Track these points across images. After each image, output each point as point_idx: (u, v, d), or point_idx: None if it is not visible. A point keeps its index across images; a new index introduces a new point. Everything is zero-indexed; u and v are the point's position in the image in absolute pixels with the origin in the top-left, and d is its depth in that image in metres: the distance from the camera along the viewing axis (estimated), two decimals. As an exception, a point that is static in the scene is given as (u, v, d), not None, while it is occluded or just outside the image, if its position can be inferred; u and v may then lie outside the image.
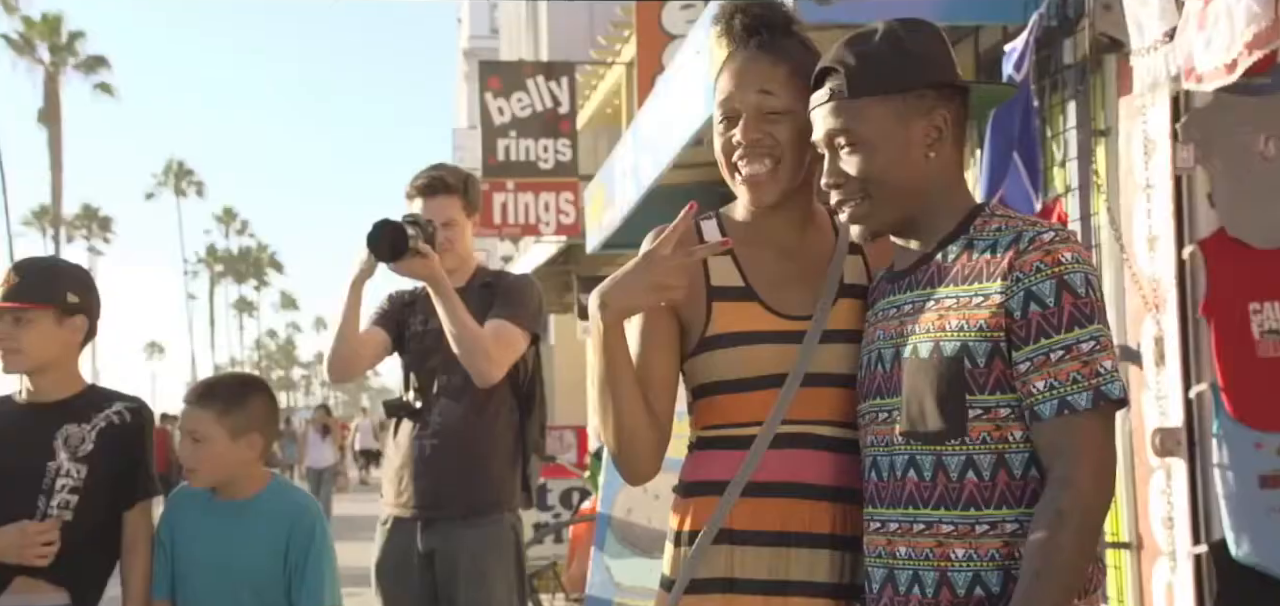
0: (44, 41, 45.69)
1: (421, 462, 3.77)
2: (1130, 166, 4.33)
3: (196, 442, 2.99)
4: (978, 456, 1.89)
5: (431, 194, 3.76)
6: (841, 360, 2.08)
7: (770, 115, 2.06)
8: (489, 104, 11.20)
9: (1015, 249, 1.90)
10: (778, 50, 2.09)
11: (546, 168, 11.20)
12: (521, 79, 11.43)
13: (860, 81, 1.96)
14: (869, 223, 2.00)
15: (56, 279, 3.09)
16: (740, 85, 2.08)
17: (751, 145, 2.06)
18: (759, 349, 2.07)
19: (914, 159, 1.98)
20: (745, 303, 2.10)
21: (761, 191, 2.08)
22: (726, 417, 2.10)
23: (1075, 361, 1.84)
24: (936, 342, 1.92)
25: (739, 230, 2.16)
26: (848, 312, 2.11)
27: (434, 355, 3.78)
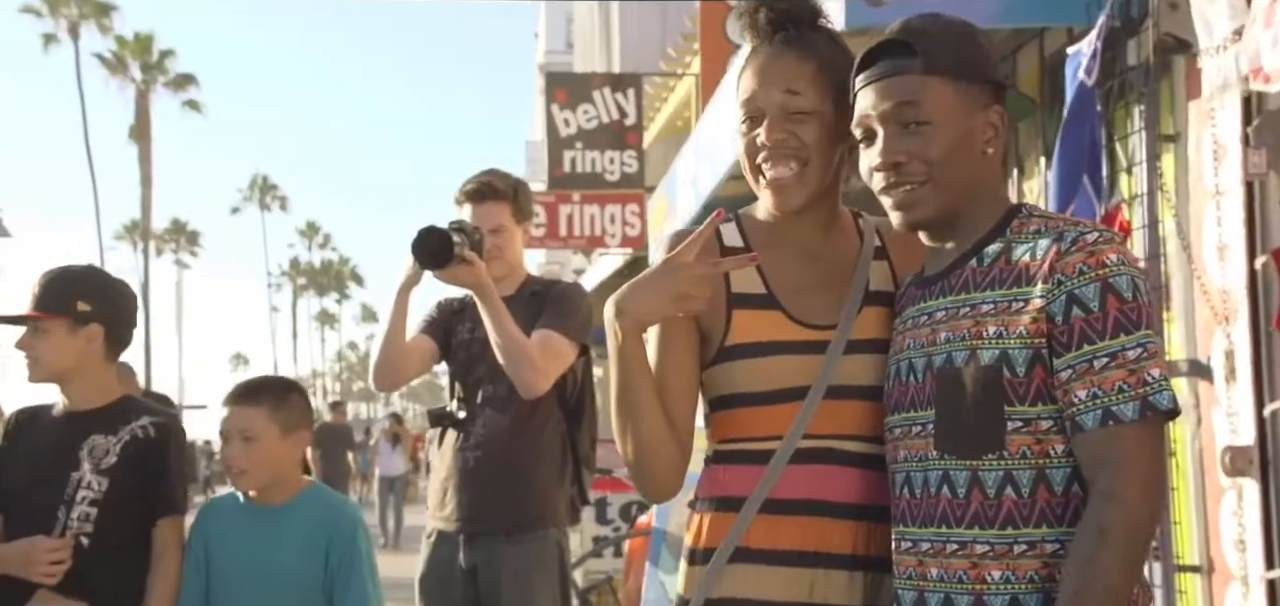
0: (136, 60, 46.83)
1: (464, 475, 3.72)
2: (1199, 173, 4.16)
3: (248, 441, 2.96)
4: (1016, 472, 1.79)
5: (480, 199, 3.73)
6: (867, 371, 1.99)
7: (796, 115, 1.97)
8: (555, 116, 11.20)
9: (1056, 249, 1.79)
10: (804, 46, 1.99)
11: (612, 179, 11.16)
12: (588, 91, 11.40)
13: (935, 59, 1.86)
14: (919, 210, 1.88)
15: (68, 288, 3.06)
16: (764, 83, 1.98)
17: (776, 147, 1.98)
18: (780, 360, 1.98)
19: (974, 151, 1.89)
20: (767, 311, 2.01)
21: (787, 196, 1.99)
22: (745, 431, 2.01)
23: (1121, 369, 1.74)
24: (972, 350, 1.82)
25: (760, 233, 2.08)
26: (874, 321, 2.02)
27: (479, 364, 3.73)
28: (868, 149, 1.90)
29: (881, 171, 1.87)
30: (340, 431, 17.37)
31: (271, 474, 3.02)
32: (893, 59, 1.88)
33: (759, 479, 1.96)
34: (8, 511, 3.05)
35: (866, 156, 1.91)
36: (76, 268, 3.21)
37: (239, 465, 2.99)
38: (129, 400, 3.14)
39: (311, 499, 3.10)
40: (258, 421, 2.99)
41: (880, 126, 1.87)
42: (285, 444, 3.02)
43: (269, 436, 2.99)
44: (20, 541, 2.93)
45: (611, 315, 1.94)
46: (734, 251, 2.06)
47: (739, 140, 2.04)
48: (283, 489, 3.04)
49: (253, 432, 2.98)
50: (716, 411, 2.06)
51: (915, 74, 1.86)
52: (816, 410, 1.95)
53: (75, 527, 2.97)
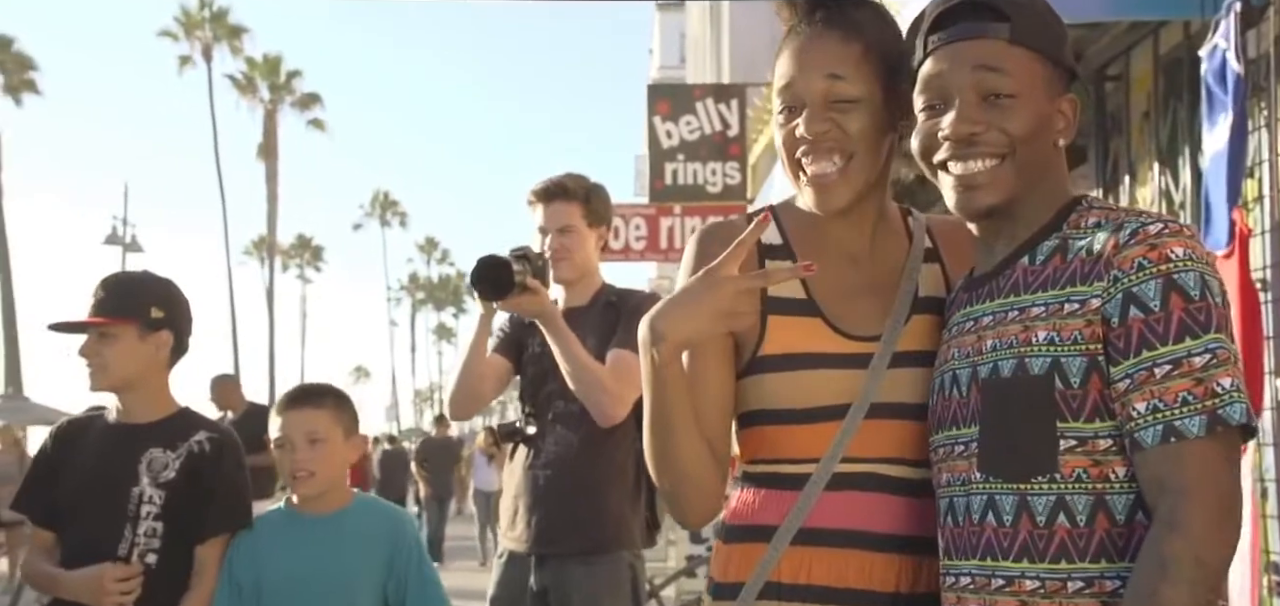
0: (265, 81, 48.32)
1: (534, 494, 3.60)
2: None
3: (313, 444, 2.89)
4: (1071, 497, 1.57)
5: (549, 199, 3.63)
6: (915, 388, 1.79)
7: (840, 104, 1.77)
8: (657, 128, 11.08)
9: (1114, 242, 1.59)
10: (848, 25, 1.79)
11: (714, 191, 10.99)
12: (691, 102, 11.26)
13: (1025, 28, 1.68)
14: (989, 195, 1.67)
15: (139, 292, 2.99)
16: (804, 68, 1.79)
17: (819, 139, 1.78)
18: (820, 374, 1.79)
19: (1050, 137, 1.70)
20: (807, 318, 1.82)
21: (830, 194, 1.80)
22: (778, 451, 1.82)
23: (1186, 378, 1.51)
24: (1021, 359, 1.61)
25: (801, 231, 1.88)
26: (923, 331, 1.82)
27: (550, 379, 3.61)
28: (930, 118, 1.70)
29: (953, 143, 1.66)
30: (447, 444, 17.46)
31: (335, 476, 2.95)
32: (975, 21, 1.68)
33: (792, 506, 1.77)
34: (61, 527, 2.97)
35: (926, 127, 1.70)
36: (141, 273, 3.16)
37: (308, 466, 2.90)
38: (188, 413, 3.05)
39: (367, 507, 3.05)
40: (322, 423, 2.92)
41: (955, 93, 1.66)
42: (347, 447, 2.96)
43: (335, 438, 2.93)
44: (89, 570, 2.83)
45: (646, 337, 1.73)
46: (772, 250, 1.88)
47: (777, 132, 1.84)
48: (335, 497, 2.97)
49: (319, 434, 2.91)
50: (747, 427, 1.87)
51: (1001, 40, 1.67)
52: (858, 430, 1.76)
53: (142, 545, 2.88)
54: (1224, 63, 3.64)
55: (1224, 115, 3.67)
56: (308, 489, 2.93)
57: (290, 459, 2.90)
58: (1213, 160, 3.75)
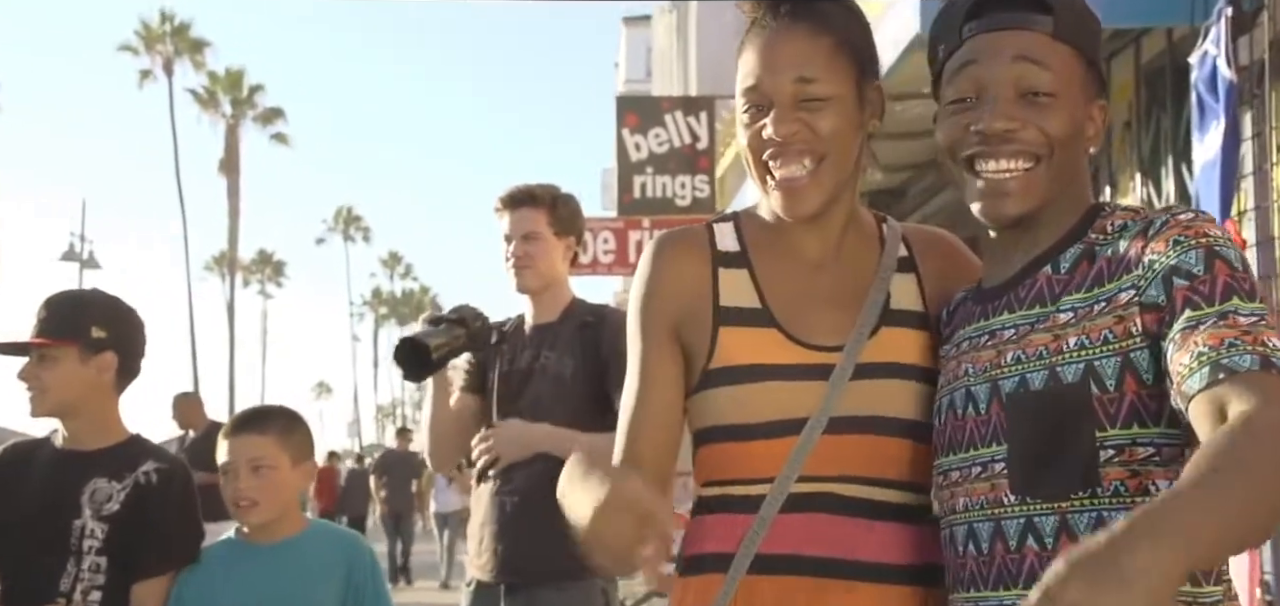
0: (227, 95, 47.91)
1: (502, 522, 3.44)
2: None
3: (257, 471, 2.74)
4: (1110, 514, 1.44)
5: (515, 206, 3.50)
6: (880, 401, 1.66)
7: (810, 103, 1.65)
8: (626, 141, 10.99)
9: (1143, 237, 1.48)
10: (817, 18, 1.67)
11: (683, 204, 10.90)
12: (660, 115, 11.19)
13: (1068, 26, 1.57)
14: (1022, 200, 1.56)
15: (81, 312, 2.80)
16: (771, 67, 1.66)
17: (787, 141, 1.66)
18: (774, 387, 1.66)
19: (1083, 144, 1.59)
20: (760, 328, 1.70)
21: (800, 199, 1.68)
22: (732, 472, 1.69)
23: (1232, 329, 1.38)
24: (1052, 369, 1.49)
25: (761, 236, 1.76)
26: (891, 343, 1.70)
27: (519, 399, 3.46)
28: (961, 112, 1.58)
29: (986, 140, 1.54)
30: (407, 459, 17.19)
31: (281, 506, 2.79)
32: (1017, 11, 1.56)
33: (747, 531, 1.64)
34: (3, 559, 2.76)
35: (956, 121, 1.58)
36: (86, 291, 2.97)
37: (250, 495, 2.74)
38: (137, 442, 2.85)
39: (321, 533, 2.92)
40: (269, 449, 2.76)
41: (992, 86, 1.55)
42: (295, 474, 2.80)
43: (281, 466, 2.76)
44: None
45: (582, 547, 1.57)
46: (729, 257, 1.75)
47: (742, 133, 1.72)
48: (287, 524, 2.82)
49: (265, 461, 2.75)
50: (700, 447, 1.74)
51: (1044, 33, 1.55)
52: (816, 446, 1.63)
53: (86, 581, 2.68)
54: (1215, 70, 3.56)
55: (1215, 123, 3.59)
56: (251, 518, 2.78)
57: (233, 486, 2.75)
58: (1204, 169, 3.67)
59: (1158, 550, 1.14)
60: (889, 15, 4.48)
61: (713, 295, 1.71)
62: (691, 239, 1.75)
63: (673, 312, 1.72)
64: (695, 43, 17.83)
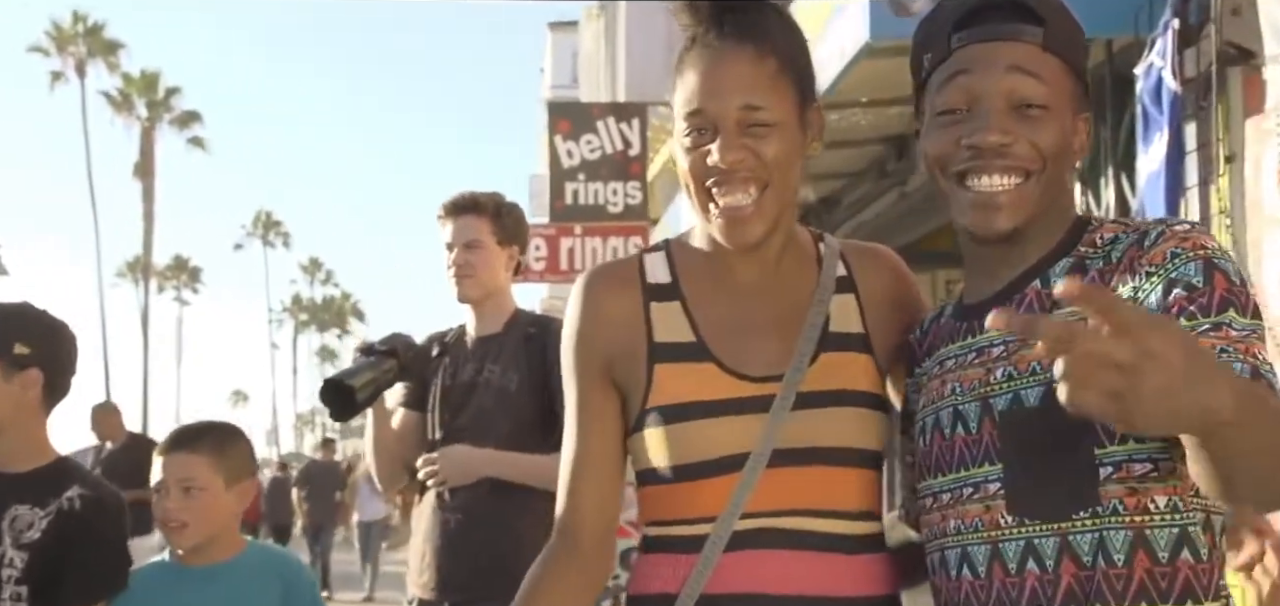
0: (142, 98, 47.01)
1: (444, 540, 3.35)
2: (1259, 197, 3.78)
3: (188, 493, 2.60)
4: (1109, 533, 1.42)
5: (458, 214, 3.43)
6: (824, 430, 1.62)
7: (755, 129, 1.60)
8: (558, 147, 10.88)
9: (1138, 247, 1.46)
10: (761, 39, 1.61)
11: (615, 211, 10.82)
12: (592, 121, 11.08)
13: (1059, 38, 1.53)
14: (1013, 214, 1.52)
15: (3, 326, 2.64)
16: (717, 91, 1.60)
17: (734, 168, 1.60)
18: (714, 423, 1.61)
19: (1072, 158, 1.56)
20: (696, 363, 1.64)
21: (745, 228, 1.62)
22: (675, 512, 1.64)
23: (1222, 339, 1.36)
24: (1047, 386, 1.44)
25: (694, 266, 1.71)
26: (833, 369, 1.65)
27: (461, 413, 3.37)
28: (949, 126, 1.53)
29: (979, 154, 1.50)
30: (330, 470, 16.89)
31: (214, 530, 2.65)
32: (1008, 21, 1.52)
33: (691, 572, 1.60)
34: None
35: (946, 134, 1.53)
36: (9, 304, 2.81)
37: (178, 518, 2.60)
38: (64, 465, 2.69)
39: (259, 555, 2.80)
40: (200, 470, 2.62)
41: (984, 98, 1.51)
42: (230, 495, 2.66)
43: (213, 487, 2.62)
44: None
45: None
46: (660, 289, 1.70)
47: (681, 157, 1.65)
48: (223, 546, 2.69)
49: (197, 482, 2.61)
50: (642, 488, 1.69)
51: (1035, 44, 1.51)
52: (759, 481, 1.58)
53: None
54: (1160, 82, 3.58)
55: (1160, 134, 3.61)
56: (181, 541, 2.65)
57: (163, 506, 2.62)
58: (1149, 180, 3.70)
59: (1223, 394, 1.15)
60: (836, 23, 4.46)
61: (646, 331, 1.67)
62: (621, 273, 1.71)
63: (605, 352, 1.68)
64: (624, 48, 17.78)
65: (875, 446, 1.64)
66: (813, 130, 1.67)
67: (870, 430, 1.64)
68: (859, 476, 1.63)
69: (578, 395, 1.71)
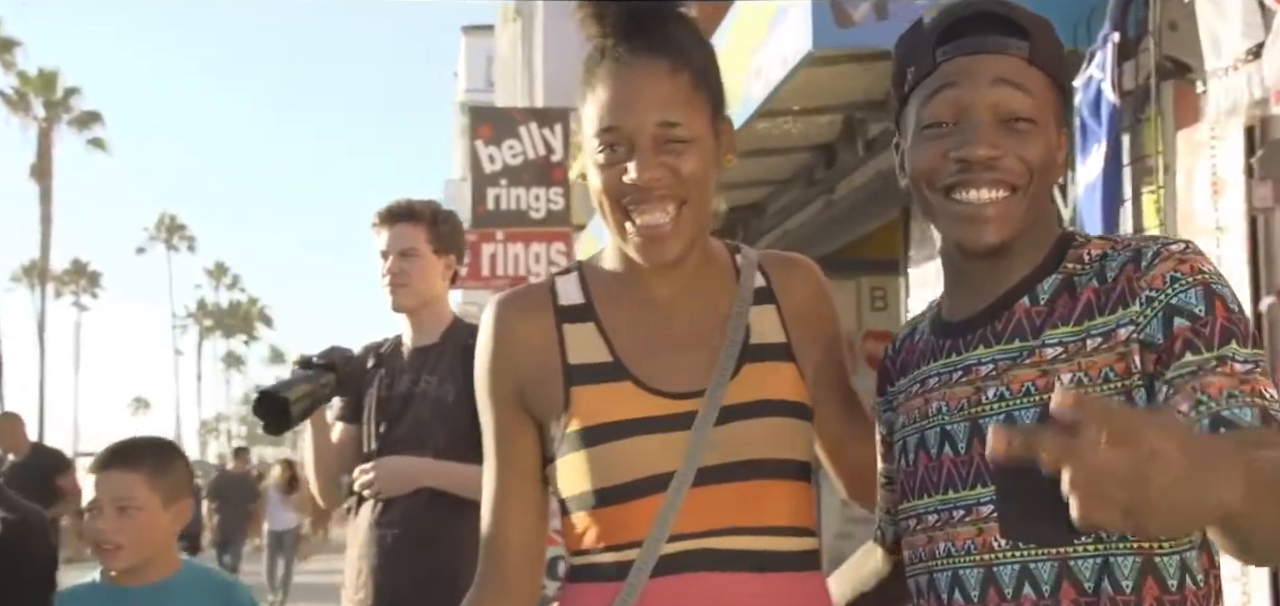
0: (39, 98, 45.70)
1: (381, 553, 3.28)
2: (1191, 209, 3.85)
3: (123, 513, 2.50)
4: (1116, 559, 1.40)
5: (393, 221, 3.37)
6: (750, 443, 1.56)
7: (672, 145, 1.55)
8: (479, 152, 10.79)
9: (1134, 267, 1.44)
10: (675, 52, 1.56)
11: (538, 217, 10.77)
12: (514, 126, 11.01)
13: (1043, 52, 1.51)
14: (1001, 227, 1.49)
15: None
16: (631, 106, 1.54)
17: (651, 186, 1.54)
18: (635, 443, 1.55)
19: (1056, 173, 1.54)
20: (613, 383, 1.59)
21: (663, 246, 1.57)
22: (600, 538, 1.58)
23: (1228, 378, 1.35)
24: (1044, 407, 1.42)
25: (608, 285, 1.66)
26: (756, 380, 1.60)
27: (398, 424, 3.31)
28: (936, 139, 1.50)
29: (968, 167, 1.47)
30: (242, 481, 16.49)
31: (149, 552, 2.55)
32: (993, 35, 1.50)
33: (616, 600, 1.54)
34: None
35: (933, 148, 1.51)
36: None
37: (113, 540, 2.50)
38: None
39: (195, 576, 2.70)
40: (137, 489, 2.52)
41: (972, 111, 1.48)
42: (167, 516, 2.57)
43: (151, 506, 2.53)
44: None
45: None
46: (572, 311, 1.65)
47: (594, 175, 1.59)
48: (159, 565, 2.59)
49: (133, 501, 2.51)
50: (565, 515, 1.63)
51: (1021, 57, 1.49)
52: (686, 501, 1.53)
53: None
54: (1099, 94, 3.62)
55: (1098, 146, 3.66)
56: (115, 563, 2.54)
57: (96, 526, 2.51)
58: (1086, 191, 3.74)
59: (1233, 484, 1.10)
60: (778, 29, 4.45)
61: (560, 354, 1.61)
62: (531, 298, 1.66)
63: (518, 380, 1.63)
64: (541, 52, 17.70)
65: (804, 456, 1.61)
66: (725, 142, 1.63)
67: (798, 440, 1.60)
68: (790, 489, 1.59)
69: (494, 426, 1.66)
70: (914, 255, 6.21)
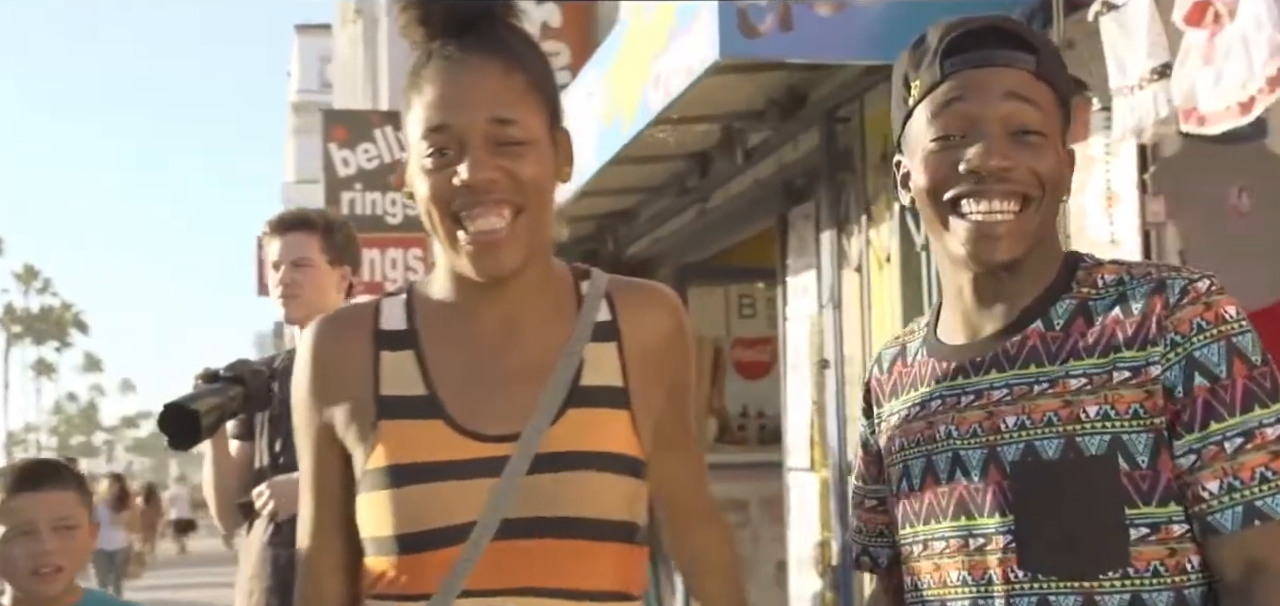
0: None
1: (275, 575, 3.16)
2: (1083, 223, 3.98)
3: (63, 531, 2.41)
4: (1149, 594, 1.40)
5: (285, 230, 3.29)
6: (566, 498, 1.43)
7: (509, 147, 1.44)
8: (333, 155, 10.52)
9: (1161, 300, 1.44)
10: (507, 53, 1.46)
11: (394, 221, 10.56)
12: (369, 129, 10.79)
13: (1049, 66, 1.51)
14: (1013, 243, 1.48)
15: None
16: (464, 103, 1.43)
17: (485, 189, 1.43)
18: (439, 488, 1.42)
19: (1064, 186, 1.53)
20: (425, 420, 1.46)
21: (499, 254, 1.44)
22: (392, 585, 1.45)
23: (1260, 453, 1.38)
24: (1069, 438, 1.42)
25: (433, 313, 1.53)
26: (580, 428, 1.46)
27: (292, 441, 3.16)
28: (944, 151, 1.49)
29: (979, 179, 1.46)
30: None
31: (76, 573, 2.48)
32: (1001, 49, 1.49)
33: None
34: None
35: (942, 160, 1.49)
36: None
37: (57, 560, 2.39)
38: None
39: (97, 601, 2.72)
40: (73, 507, 2.45)
41: (982, 123, 1.47)
42: (89, 535, 2.50)
43: (83, 524, 2.46)
44: None
45: None
46: (393, 337, 1.52)
47: (421, 182, 1.46)
48: (71, 592, 2.48)
49: (69, 520, 2.43)
50: (367, 556, 1.50)
51: (1029, 71, 1.49)
52: (486, 555, 1.40)
53: None
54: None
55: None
56: (54, 587, 2.40)
57: (32, 551, 2.36)
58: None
59: None
60: (679, 40, 4.43)
61: (373, 383, 1.48)
62: (351, 320, 1.54)
63: (330, 408, 1.51)
64: (387, 53, 17.36)
65: (629, 517, 1.47)
66: (563, 153, 1.53)
67: (622, 498, 1.46)
68: (610, 552, 1.46)
69: (310, 456, 1.54)
70: (792, 263, 6.27)
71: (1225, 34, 2.96)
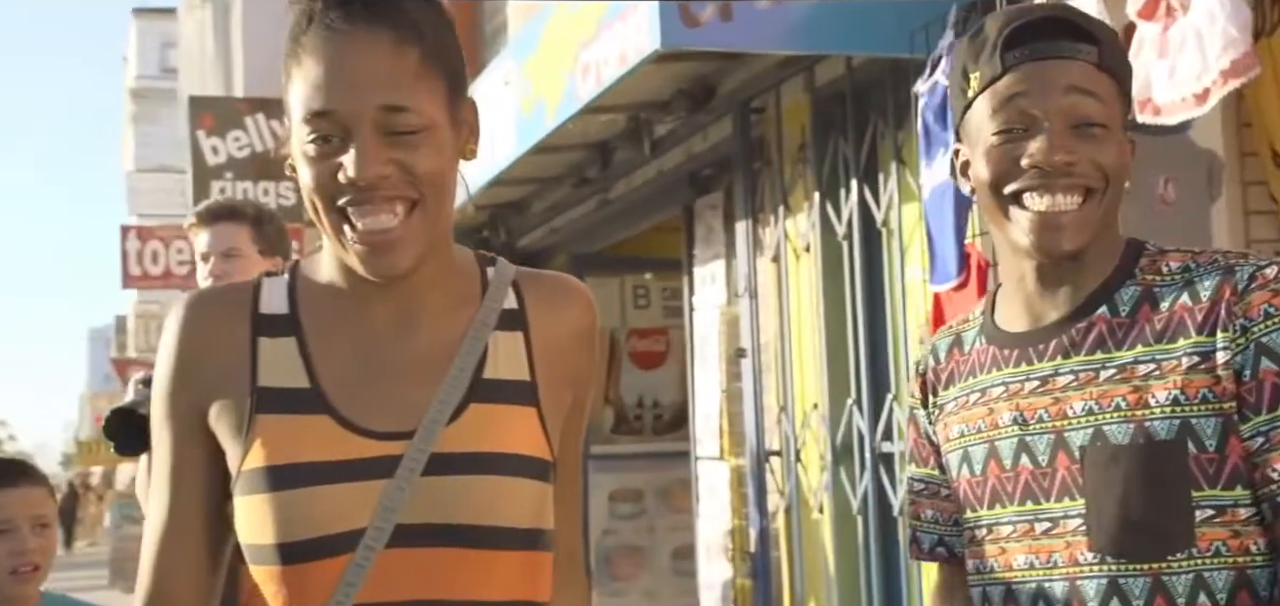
0: None
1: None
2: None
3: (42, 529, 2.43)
4: (1210, 574, 1.43)
5: (213, 221, 3.20)
6: (463, 502, 1.31)
7: (401, 135, 1.29)
8: (201, 143, 10.12)
9: (1229, 287, 1.46)
10: (400, 22, 1.30)
11: (269, 213, 10.22)
12: (238, 117, 10.41)
13: (1111, 57, 1.51)
14: (1077, 233, 1.48)
15: None
16: (348, 85, 1.28)
17: (377, 183, 1.29)
18: (322, 492, 1.29)
19: (1126, 175, 1.54)
20: (307, 415, 1.32)
21: (391, 256, 1.31)
22: (274, 598, 1.31)
23: None
24: (1139, 424, 1.44)
25: (317, 298, 1.39)
26: (482, 426, 1.34)
27: None
28: (1005, 144, 1.49)
29: (1042, 172, 1.47)
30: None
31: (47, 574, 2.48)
32: (1062, 41, 1.50)
33: None
34: None
35: (1004, 152, 1.50)
36: None
37: (35, 558, 2.41)
38: None
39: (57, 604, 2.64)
40: (48, 505, 2.47)
41: (1044, 117, 1.48)
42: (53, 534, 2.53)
43: (53, 522, 2.48)
44: None
45: None
46: (273, 322, 1.38)
47: (304, 169, 1.31)
48: None
49: (46, 518, 2.45)
50: (246, 565, 1.36)
51: (1091, 63, 1.50)
52: (376, 566, 1.28)
53: None
54: (945, 99, 3.76)
55: (943, 151, 3.80)
56: (31, 586, 2.39)
57: (13, 549, 2.37)
58: (933, 194, 3.88)
59: None
60: (615, 27, 4.36)
61: (250, 372, 1.34)
62: (227, 299, 1.39)
63: (198, 398, 1.36)
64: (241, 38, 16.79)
65: (535, 523, 1.35)
66: (467, 129, 1.39)
67: (528, 503, 1.34)
68: (512, 561, 1.33)
69: (169, 446, 1.37)
70: (699, 254, 6.28)
71: (1179, 26, 3.05)
